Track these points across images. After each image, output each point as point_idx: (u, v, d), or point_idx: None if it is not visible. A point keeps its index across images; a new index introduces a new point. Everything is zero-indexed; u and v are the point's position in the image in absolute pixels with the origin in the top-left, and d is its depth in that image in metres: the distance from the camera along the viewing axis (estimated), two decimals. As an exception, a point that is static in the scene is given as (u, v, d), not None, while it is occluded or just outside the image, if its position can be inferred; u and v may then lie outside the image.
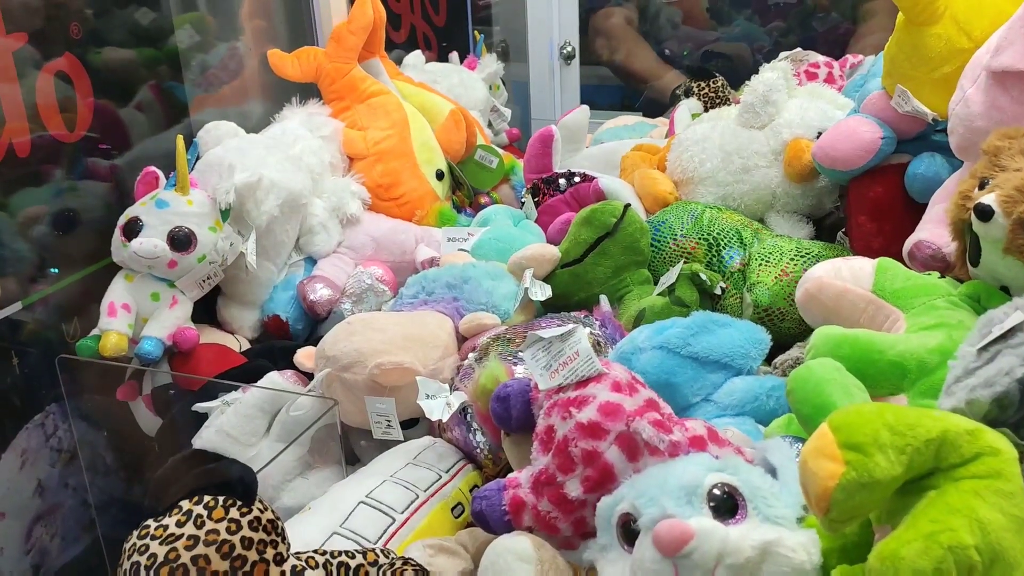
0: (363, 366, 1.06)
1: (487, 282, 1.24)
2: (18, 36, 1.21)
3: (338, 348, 1.08)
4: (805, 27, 2.43)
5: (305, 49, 1.60)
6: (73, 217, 1.29)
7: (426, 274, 1.29)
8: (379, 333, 1.10)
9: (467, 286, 1.24)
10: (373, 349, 1.06)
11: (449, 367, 1.13)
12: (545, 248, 1.28)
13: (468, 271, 1.26)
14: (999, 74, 0.94)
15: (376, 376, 1.04)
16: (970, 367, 0.67)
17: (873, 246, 1.23)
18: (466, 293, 1.23)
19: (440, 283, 1.26)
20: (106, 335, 1.19)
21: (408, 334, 1.11)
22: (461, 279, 1.25)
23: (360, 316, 1.18)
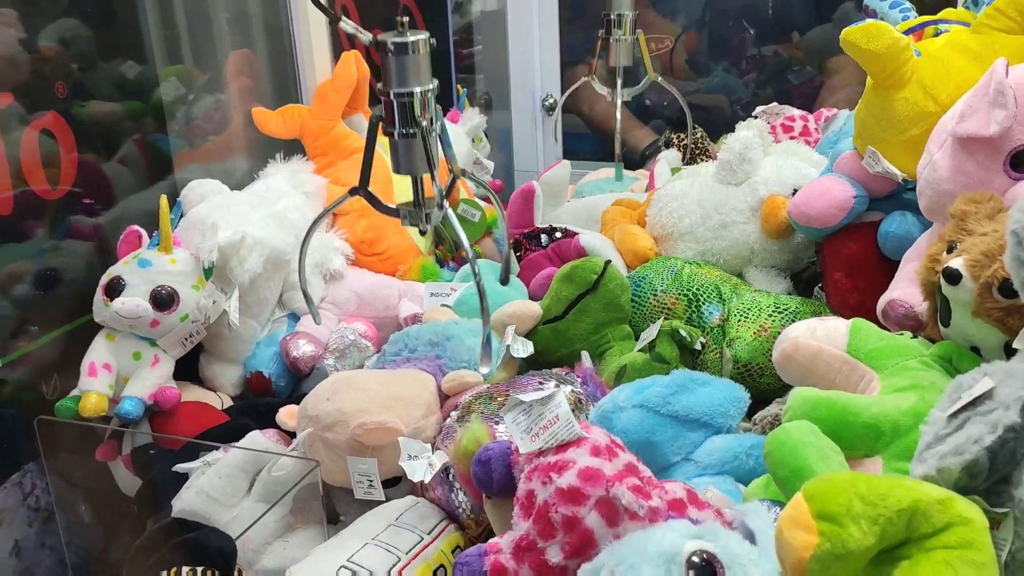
0: (345, 426, 1.06)
1: (469, 339, 1.25)
2: (4, 95, 1.22)
3: (320, 408, 1.09)
4: (780, 79, 2.49)
5: (289, 107, 1.62)
6: (55, 276, 1.29)
7: (408, 331, 1.30)
8: (361, 392, 1.10)
9: (449, 343, 1.24)
10: (355, 408, 1.07)
11: (432, 425, 1.13)
12: (526, 305, 1.29)
13: (450, 328, 1.27)
14: (964, 140, 0.96)
15: (359, 436, 1.05)
16: (940, 433, 0.69)
17: (849, 302, 1.25)
18: (448, 351, 1.24)
19: (423, 340, 1.27)
20: (86, 396, 1.18)
21: (390, 393, 1.11)
22: (444, 336, 1.25)
23: (342, 375, 1.19)
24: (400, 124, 1.01)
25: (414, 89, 0.99)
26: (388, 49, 0.99)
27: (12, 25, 1.24)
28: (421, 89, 1.00)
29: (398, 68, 0.99)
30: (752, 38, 2.49)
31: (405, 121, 1.00)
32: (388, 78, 1.00)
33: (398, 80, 1.00)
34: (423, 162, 1.02)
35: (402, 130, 1.01)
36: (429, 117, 1.01)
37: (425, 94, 1.00)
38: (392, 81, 1.00)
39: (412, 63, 0.99)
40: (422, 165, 1.02)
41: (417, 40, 0.99)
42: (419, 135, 1.01)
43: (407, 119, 1.00)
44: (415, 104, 1.00)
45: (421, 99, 1.00)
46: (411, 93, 0.99)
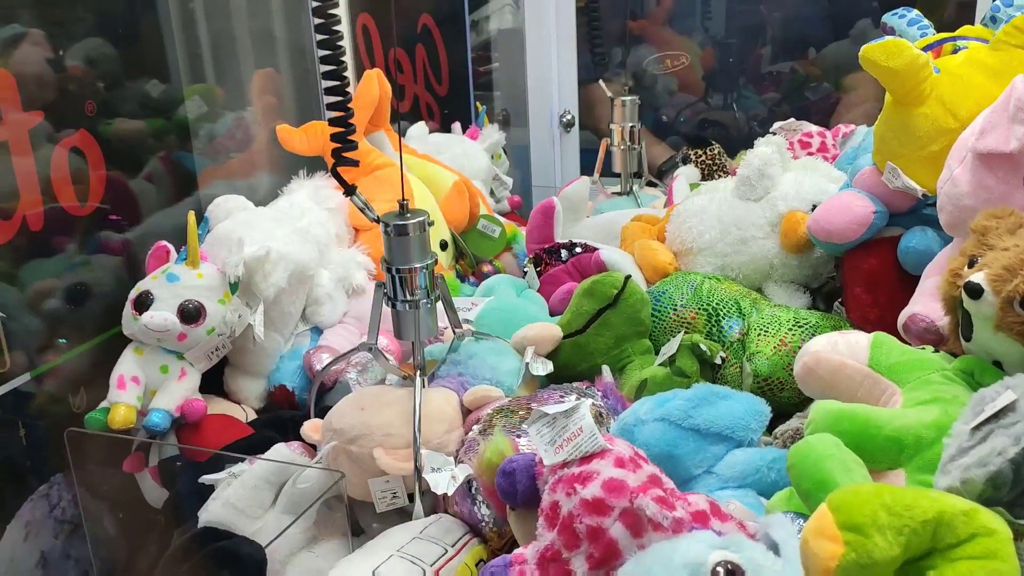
0: (370, 439, 1.08)
1: (491, 358, 1.26)
2: (35, 113, 1.25)
3: (345, 421, 1.10)
4: (798, 96, 2.50)
5: (313, 124, 1.64)
6: (85, 290, 1.32)
7: (430, 350, 1.31)
8: (387, 407, 1.11)
9: (471, 362, 1.26)
10: (381, 422, 1.08)
11: (454, 441, 1.15)
12: (547, 328, 1.31)
13: (472, 347, 1.28)
14: (984, 155, 0.97)
15: (383, 465, 1.07)
16: (964, 446, 0.69)
17: (869, 316, 1.26)
18: (470, 368, 1.25)
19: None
20: (115, 408, 1.20)
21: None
22: (466, 355, 1.27)
23: (369, 389, 1.20)
24: (399, 295, 1.14)
25: (412, 266, 1.12)
26: (388, 229, 1.10)
27: (40, 45, 1.27)
28: (418, 266, 1.12)
29: (398, 247, 1.12)
30: (769, 55, 2.50)
31: (403, 293, 1.14)
32: (389, 254, 1.13)
33: (398, 257, 1.12)
34: (420, 329, 1.16)
35: (401, 300, 1.14)
36: (422, 292, 1.14)
37: (421, 270, 1.13)
38: (392, 258, 1.13)
39: (410, 243, 1.12)
40: (420, 331, 1.17)
41: (416, 222, 1.11)
42: (416, 306, 1.14)
43: (405, 292, 1.14)
44: (412, 279, 1.13)
45: (412, 277, 1.13)
46: (410, 270, 1.12)
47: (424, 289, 1.13)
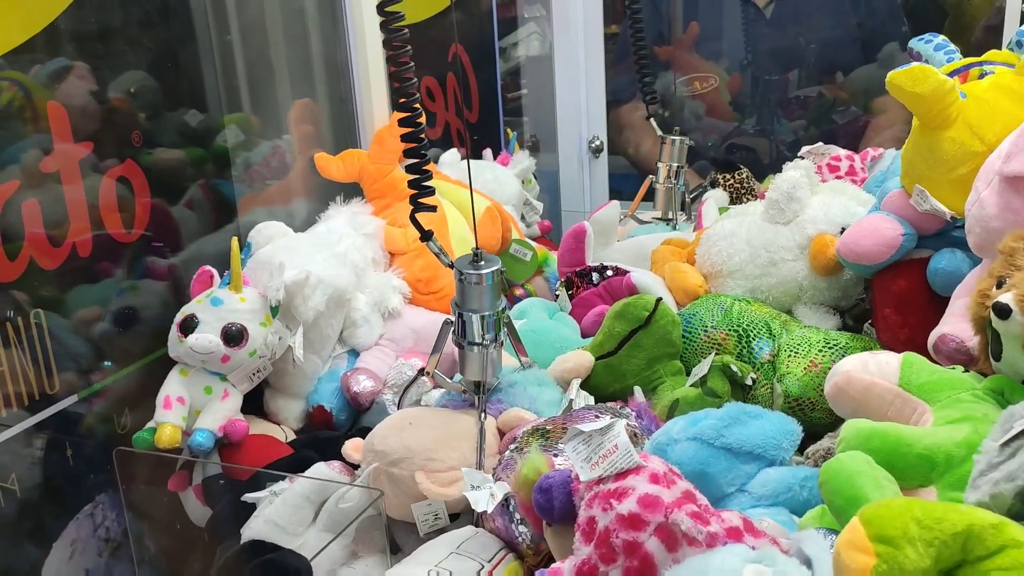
0: (411, 463, 1.11)
1: (532, 388, 1.28)
2: (84, 144, 1.30)
3: (387, 443, 1.13)
4: (826, 120, 2.51)
5: (349, 152, 1.69)
6: (133, 314, 1.36)
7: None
8: (429, 431, 1.14)
9: (512, 390, 1.28)
10: (422, 447, 1.11)
11: (492, 465, 1.17)
12: (581, 357, 1.33)
13: (514, 376, 1.30)
14: (1011, 178, 0.99)
15: (424, 490, 1.09)
16: (993, 461, 0.71)
17: (900, 337, 1.27)
18: (510, 397, 1.27)
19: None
20: (161, 427, 1.24)
21: (455, 431, 1.15)
22: (507, 383, 1.29)
23: (410, 411, 1.23)
24: (467, 337, 1.20)
25: (479, 313, 1.17)
26: (461, 276, 1.15)
27: (85, 78, 1.32)
28: (483, 315, 1.17)
29: (467, 292, 1.17)
30: (797, 79, 2.52)
31: (468, 335, 1.19)
32: (460, 297, 1.18)
33: (466, 301, 1.17)
34: (488, 370, 1.22)
35: (469, 342, 1.19)
36: (490, 337, 1.19)
37: (486, 318, 1.18)
38: (463, 302, 1.18)
39: (479, 291, 1.17)
40: (480, 372, 1.22)
41: (490, 271, 1.16)
42: (478, 349, 1.19)
43: (470, 334, 1.19)
44: (478, 325, 1.18)
45: (482, 322, 1.18)
46: (481, 316, 1.17)
47: (492, 334, 1.18)
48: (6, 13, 1.17)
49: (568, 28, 2.49)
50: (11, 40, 1.19)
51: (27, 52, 1.21)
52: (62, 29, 1.26)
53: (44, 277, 1.24)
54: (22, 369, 1.22)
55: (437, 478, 1.10)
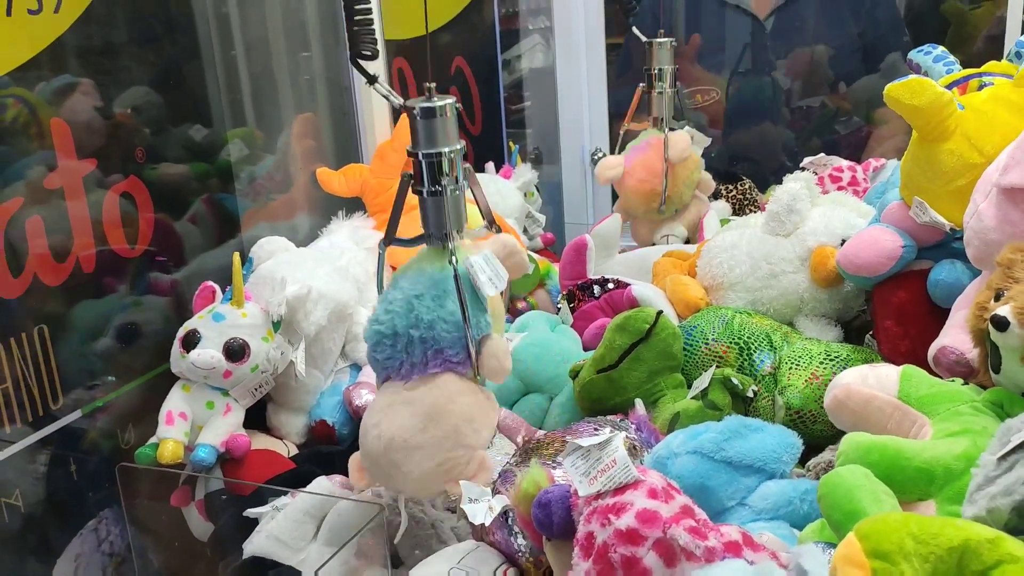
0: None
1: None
2: (88, 160, 1.31)
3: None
4: (828, 130, 2.51)
5: (351, 166, 1.70)
6: (136, 330, 1.37)
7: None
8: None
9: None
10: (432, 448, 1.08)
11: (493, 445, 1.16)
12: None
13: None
14: (1008, 190, 0.99)
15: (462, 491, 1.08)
16: (990, 475, 0.71)
17: (900, 349, 1.27)
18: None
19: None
20: (163, 443, 1.24)
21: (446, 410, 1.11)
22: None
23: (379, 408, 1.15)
24: (428, 183, 1.09)
25: (440, 150, 1.07)
26: (416, 113, 1.07)
27: (90, 94, 1.33)
28: (447, 150, 1.07)
29: (426, 131, 1.07)
30: (799, 89, 2.53)
31: (432, 180, 1.08)
32: (416, 140, 1.08)
33: (426, 142, 1.07)
34: (449, 218, 1.10)
35: (430, 188, 1.09)
36: (455, 176, 1.08)
37: (451, 154, 1.08)
38: (420, 143, 1.08)
39: (439, 126, 1.07)
40: (447, 221, 1.10)
41: (443, 105, 1.07)
42: (445, 194, 1.08)
43: (434, 178, 1.08)
44: (442, 164, 1.08)
45: (448, 159, 1.08)
46: (438, 154, 1.07)
47: (453, 177, 1.08)
48: (12, 31, 1.19)
49: (570, 40, 2.50)
50: (17, 58, 1.20)
51: (32, 69, 1.23)
52: (67, 46, 1.27)
53: (48, 293, 1.25)
54: (26, 385, 1.23)
55: (463, 475, 1.08)
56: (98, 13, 1.31)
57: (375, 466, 1.10)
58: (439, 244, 1.11)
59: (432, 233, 1.12)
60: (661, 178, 1.88)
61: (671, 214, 1.95)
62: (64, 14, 1.26)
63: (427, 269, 1.10)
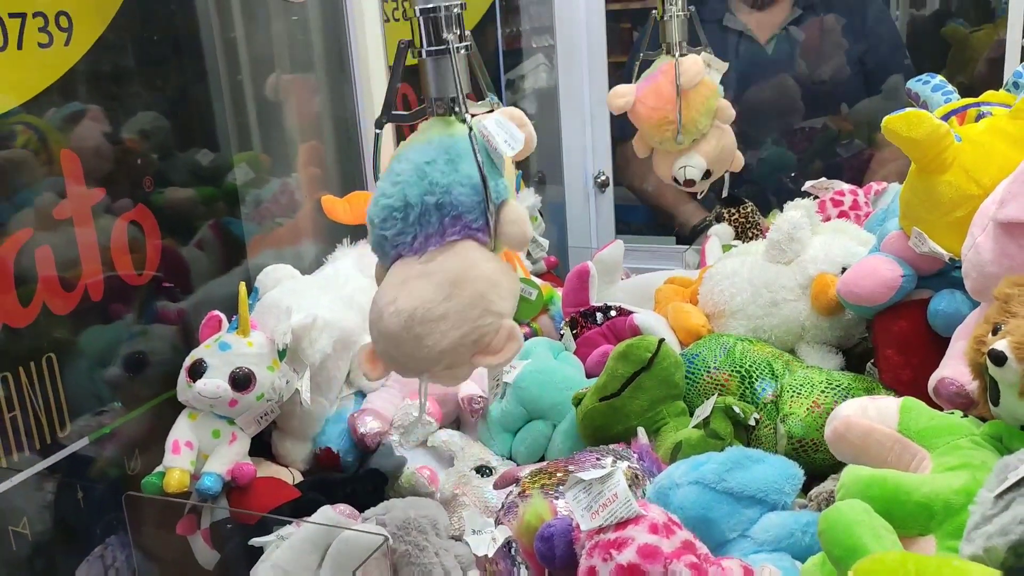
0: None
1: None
2: (97, 190, 1.33)
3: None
4: (830, 152, 2.53)
5: (356, 194, 1.71)
6: (143, 359, 1.38)
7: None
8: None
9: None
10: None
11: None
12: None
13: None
14: (1006, 224, 1.00)
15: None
16: (987, 513, 0.71)
17: (902, 378, 1.27)
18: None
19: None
20: (170, 472, 1.25)
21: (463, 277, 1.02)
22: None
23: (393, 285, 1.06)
24: (428, 43, 1.00)
25: (439, 4, 0.99)
26: None
27: (99, 120, 1.34)
28: (447, 3, 0.99)
29: None
30: (801, 110, 2.54)
31: (432, 39, 1.00)
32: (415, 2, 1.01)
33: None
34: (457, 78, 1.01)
35: (432, 48, 1.00)
36: (458, 34, 1.00)
37: (451, 9, 1.00)
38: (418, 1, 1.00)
39: None
40: (453, 85, 1.01)
41: None
42: (451, 51, 1.00)
43: (436, 36, 1.00)
44: (444, 20, 1.00)
45: (447, 16, 1.00)
46: (437, 8, 0.99)
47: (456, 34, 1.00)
48: (23, 64, 1.20)
49: (573, 59, 2.51)
50: (28, 90, 1.22)
51: (43, 96, 1.24)
52: (77, 73, 1.29)
53: (56, 321, 1.26)
54: (34, 413, 1.24)
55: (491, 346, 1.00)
56: (108, 41, 1.32)
57: (395, 347, 1.01)
58: (445, 111, 1.03)
59: (437, 99, 1.02)
60: (674, 105, 1.76)
61: (689, 144, 1.82)
62: (74, 47, 1.28)
63: (434, 137, 1.02)
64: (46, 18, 1.23)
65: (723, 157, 1.86)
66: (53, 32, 1.24)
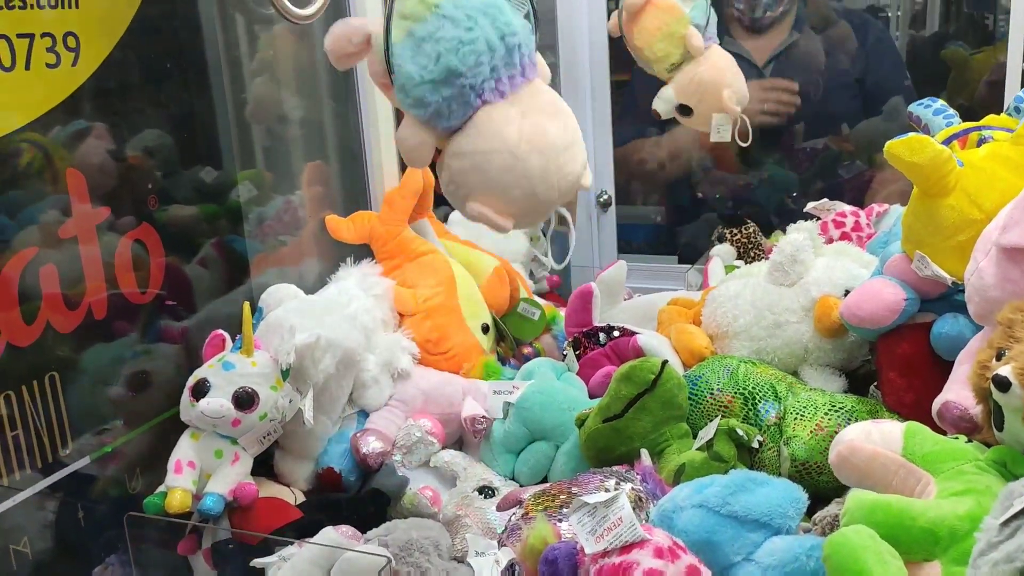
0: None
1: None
2: (102, 208, 1.33)
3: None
4: (832, 173, 2.53)
5: (360, 213, 1.72)
6: (146, 378, 1.38)
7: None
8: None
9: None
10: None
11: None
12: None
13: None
14: (1008, 249, 1.00)
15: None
16: (993, 540, 0.71)
17: (905, 401, 1.27)
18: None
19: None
20: (172, 492, 1.25)
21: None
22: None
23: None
24: None
25: None
26: None
27: (103, 138, 1.35)
28: None
29: None
30: (802, 131, 2.55)
31: None
32: None
33: None
34: None
35: None
36: None
37: None
38: None
39: None
40: None
41: None
42: None
43: None
44: None
45: None
46: None
47: None
48: (31, 84, 1.21)
49: (575, 77, 2.52)
50: (36, 110, 1.23)
51: (49, 115, 1.24)
52: (82, 91, 1.29)
53: (59, 339, 1.26)
54: (36, 431, 1.24)
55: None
56: (114, 60, 1.33)
57: (542, 182, 1.04)
58: None
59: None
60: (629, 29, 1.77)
61: (663, 73, 1.82)
62: (82, 67, 1.28)
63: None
64: (54, 39, 1.23)
65: (704, 91, 1.80)
66: (61, 52, 1.24)
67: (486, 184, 1.05)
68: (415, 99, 1.04)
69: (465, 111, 1.05)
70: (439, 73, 1.02)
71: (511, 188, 1.04)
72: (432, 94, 1.03)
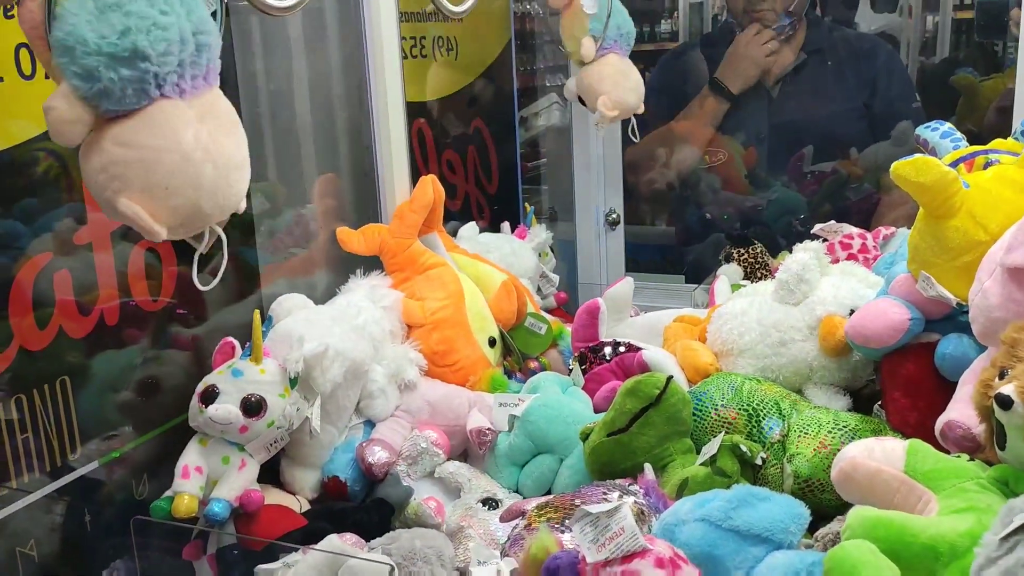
0: None
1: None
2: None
3: None
4: (839, 196, 2.54)
5: (370, 226, 1.74)
6: (155, 383, 1.39)
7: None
8: None
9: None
10: None
11: None
12: None
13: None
14: (1012, 270, 1.01)
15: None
16: (992, 556, 0.72)
17: (909, 421, 1.28)
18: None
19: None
20: (179, 497, 1.26)
21: None
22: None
23: None
24: None
25: None
26: None
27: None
28: None
29: None
30: (811, 154, 2.56)
31: None
32: None
33: None
34: None
35: None
36: None
37: None
38: None
39: None
40: None
41: None
42: None
43: None
44: None
45: None
46: None
47: None
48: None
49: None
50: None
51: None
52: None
53: (71, 345, 1.28)
54: (45, 435, 1.25)
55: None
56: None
57: (209, 196, 0.98)
58: None
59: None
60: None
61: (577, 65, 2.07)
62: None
63: None
64: (72, 48, 1.25)
65: (588, 92, 2.04)
66: (78, 62, 1.26)
67: (147, 183, 0.94)
68: (84, 69, 0.91)
69: (139, 100, 0.93)
70: (122, 50, 0.91)
71: (175, 194, 0.95)
72: (108, 70, 0.91)
